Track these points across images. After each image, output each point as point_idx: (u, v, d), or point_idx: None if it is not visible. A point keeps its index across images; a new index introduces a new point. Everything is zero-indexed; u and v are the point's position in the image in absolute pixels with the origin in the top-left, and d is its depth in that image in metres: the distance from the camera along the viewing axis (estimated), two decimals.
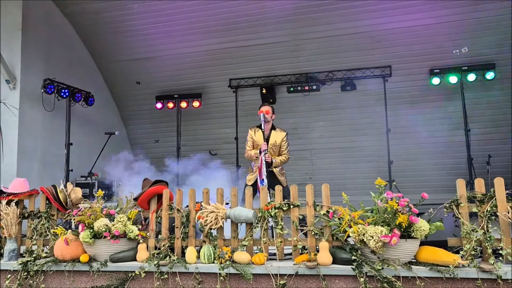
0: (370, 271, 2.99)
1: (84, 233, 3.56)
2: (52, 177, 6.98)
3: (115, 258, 3.56)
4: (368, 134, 9.12)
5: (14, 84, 7.03)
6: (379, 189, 3.24)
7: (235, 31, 8.62)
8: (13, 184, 4.16)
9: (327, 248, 3.21)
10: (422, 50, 8.32)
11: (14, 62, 7.12)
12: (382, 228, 3.01)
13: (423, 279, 2.95)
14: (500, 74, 8.00)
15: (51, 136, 7.66)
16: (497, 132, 8.53)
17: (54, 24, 8.23)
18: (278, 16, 8.26)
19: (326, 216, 3.41)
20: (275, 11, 8.15)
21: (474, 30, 7.86)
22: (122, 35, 8.95)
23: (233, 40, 8.82)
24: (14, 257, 3.86)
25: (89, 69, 9.42)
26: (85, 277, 3.57)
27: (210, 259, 3.40)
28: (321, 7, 7.93)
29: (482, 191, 3.24)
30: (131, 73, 9.69)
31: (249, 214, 3.49)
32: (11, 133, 6.92)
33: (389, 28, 8.20)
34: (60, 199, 3.98)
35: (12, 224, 3.90)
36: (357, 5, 7.85)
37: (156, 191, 3.86)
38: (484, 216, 3.15)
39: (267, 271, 3.20)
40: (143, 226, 3.89)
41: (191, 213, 3.72)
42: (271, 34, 8.59)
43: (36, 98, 7.23)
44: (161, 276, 3.36)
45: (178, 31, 8.74)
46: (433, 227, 3.07)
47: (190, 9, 8.19)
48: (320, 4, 7.89)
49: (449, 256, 3.00)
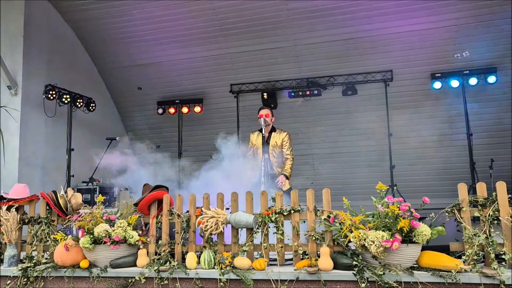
0: (371, 276, 2.97)
1: (84, 239, 3.54)
2: (54, 183, 6.99)
3: (115, 264, 3.54)
4: (370, 138, 9.11)
5: (16, 90, 7.06)
6: (380, 194, 3.22)
7: (236, 36, 8.64)
8: (13, 189, 4.16)
9: (328, 253, 3.18)
10: (423, 54, 8.33)
11: (16, 68, 7.16)
12: (383, 233, 2.98)
13: (425, 284, 2.92)
14: (502, 78, 7.99)
15: (52, 141, 7.68)
16: (500, 136, 8.50)
17: (56, 30, 8.28)
18: (279, 21, 8.28)
19: (327, 221, 3.39)
20: (276, 16, 8.17)
21: (475, 34, 7.87)
22: (124, 41, 8.99)
23: (234, 45, 8.84)
24: (14, 263, 3.85)
25: (91, 75, 9.45)
26: (85, 283, 3.55)
27: (211, 264, 3.38)
28: (322, 12, 7.95)
29: (484, 195, 3.21)
30: (132, 79, 9.72)
31: (250, 219, 3.47)
32: (13, 138, 6.94)
33: (390, 33, 8.20)
34: (60, 205, 3.98)
35: (12, 230, 3.89)
36: (358, 9, 7.87)
37: (156, 197, 3.85)
38: (486, 220, 3.12)
39: (268, 276, 3.18)
40: (143, 231, 3.88)
41: (191, 218, 3.70)
42: (272, 39, 8.61)
43: (37, 104, 7.26)
44: (161, 282, 3.34)
45: (179, 37, 8.77)
46: (434, 232, 3.04)
47: (191, 15, 8.23)
48: (321, 9, 7.90)
49: (451, 261, 2.97)
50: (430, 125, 8.73)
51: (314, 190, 3.55)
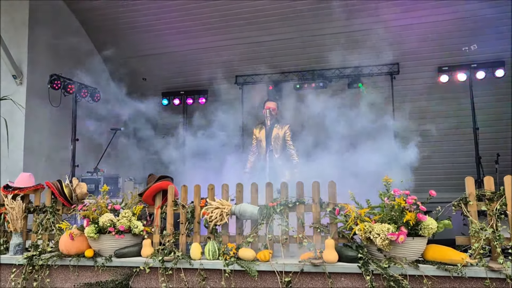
0: (376, 269, 2.96)
1: (89, 228, 3.55)
2: (58, 173, 6.99)
3: (120, 254, 3.55)
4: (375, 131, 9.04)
5: (21, 79, 7.06)
6: (386, 186, 3.20)
7: (241, 27, 8.58)
8: (19, 178, 4.16)
9: (333, 245, 3.17)
10: (430, 47, 8.23)
11: (21, 58, 7.15)
12: (389, 225, 2.97)
13: (430, 277, 2.91)
14: (510, 72, 7.89)
15: (57, 131, 7.69)
16: (506, 130, 8.41)
17: (61, 20, 8.25)
18: (285, 13, 8.20)
19: (332, 213, 3.38)
20: (282, 8, 8.09)
21: (483, 27, 7.75)
22: (129, 32, 8.96)
23: (239, 36, 8.78)
24: (19, 251, 3.87)
25: (96, 65, 9.40)
26: (90, 272, 3.57)
27: (215, 255, 3.38)
28: (328, 3, 7.86)
29: (491, 189, 3.18)
30: (137, 70, 9.69)
31: (254, 210, 3.46)
32: (18, 128, 6.95)
33: (397, 25, 8.11)
34: (65, 194, 3.98)
35: (18, 218, 3.91)
36: (364, 2, 7.77)
37: (161, 187, 3.84)
38: (493, 214, 3.09)
39: (272, 268, 3.17)
40: (148, 221, 3.88)
41: (196, 209, 3.70)
42: (277, 31, 8.54)
43: (42, 94, 7.25)
44: (165, 272, 3.36)
45: (185, 28, 8.72)
46: (441, 225, 3.03)
47: (196, 5, 8.16)
48: (327, 1, 7.81)
49: (457, 254, 2.95)
50: (436, 118, 8.65)
51: (319, 182, 3.53)
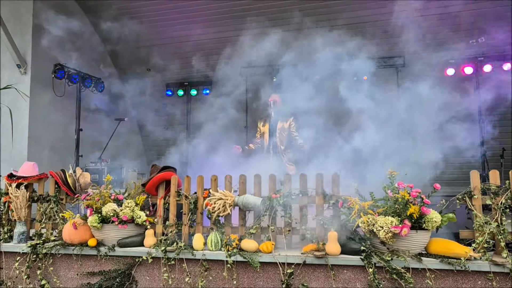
0: (379, 262, 2.95)
1: (92, 218, 3.56)
2: (62, 163, 7.00)
3: (123, 243, 3.56)
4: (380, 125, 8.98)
5: (25, 69, 7.05)
6: (391, 179, 3.18)
7: (246, 18, 8.50)
8: (23, 167, 4.18)
9: (335, 237, 3.16)
10: (436, 39, 8.12)
11: (25, 47, 7.14)
12: (393, 218, 2.95)
13: (433, 271, 2.90)
14: None
15: (61, 121, 7.68)
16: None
17: (66, 10, 8.19)
18: (290, 4, 8.14)
19: (336, 205, 3.37)
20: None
21: (491, 19, 7.65)
22: (133, 22, 8.88)
23: (244, 28, 8.67)
24: (23, 239, 3.89)
25: (100, 55, 9.40)
26: (93, 261, 3.59)
27: (218, 246, 3.38)
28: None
29: (497, 183, 3.15)
30: (141, 60, 9.66)
31: (257, 201, 3.46)
32: (22, 117, 6.96)
33: (403, 17, 8.01)
34: (69, 184, 3.99)
35: (22, 207, 3.93)
36: None
37: (164, 177, 3.84)
38: (498, 208, 3.07)
39: (275, 259, 3.17)
40: (151, 212, 3.89)
41: (199, 200, 3.70)
42: (283, 22, 8.47)
43: (46, 84, 7.25)
44: (168, 262, 3.36)
45: (190, 18, 8.67)
46: (445, 219, 3.01)
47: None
48: None
49: (460, 248, 2.94)
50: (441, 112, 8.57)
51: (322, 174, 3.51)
